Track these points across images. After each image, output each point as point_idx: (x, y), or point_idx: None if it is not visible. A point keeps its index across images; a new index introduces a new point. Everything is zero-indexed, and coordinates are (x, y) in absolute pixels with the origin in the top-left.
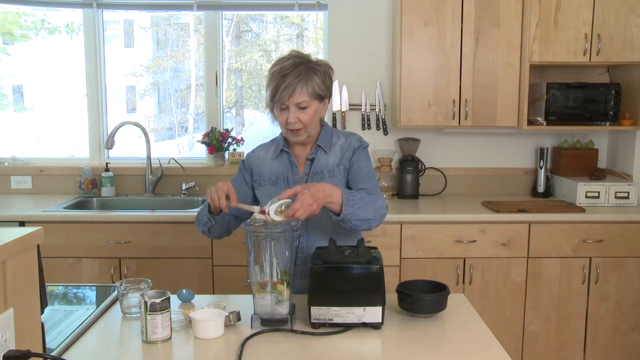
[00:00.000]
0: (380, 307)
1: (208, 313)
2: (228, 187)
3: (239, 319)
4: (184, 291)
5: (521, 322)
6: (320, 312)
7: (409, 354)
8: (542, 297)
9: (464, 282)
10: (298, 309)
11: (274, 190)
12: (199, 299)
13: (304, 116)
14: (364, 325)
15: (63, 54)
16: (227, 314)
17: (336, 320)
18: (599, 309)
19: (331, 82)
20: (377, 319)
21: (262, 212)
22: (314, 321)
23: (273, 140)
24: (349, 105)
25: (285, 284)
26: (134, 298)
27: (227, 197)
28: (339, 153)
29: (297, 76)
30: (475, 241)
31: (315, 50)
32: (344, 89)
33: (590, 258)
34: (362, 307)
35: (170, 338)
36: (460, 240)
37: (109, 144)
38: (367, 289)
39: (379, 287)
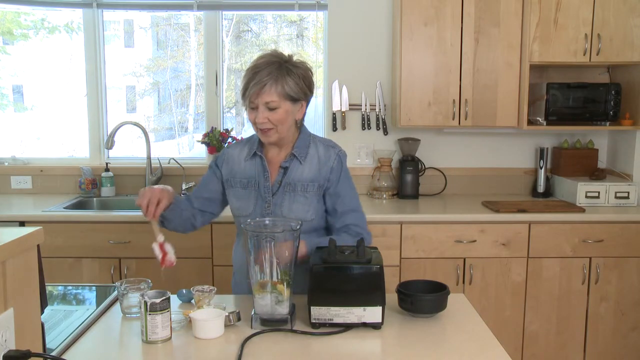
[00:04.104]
0: (380, 307)
1: (208, 313)
2: (160, 196)
3: (239, 319)
4: (184, 291)
5: (521, 322)
6: (320, 312)
7: (409, 354)
8: (542, 297)
9: (464, 282)
10: (298, 309)
11: (245, 193)
12: None
13: (273, 116)
14: (364, 325)
15: (63, 54)
16: (227, 314)
17: (336, 320)
18: (599, 309)
19: (309, 85)
20: (377, 319)
21: (161, 245)
22: (314, 321)
23: (249, 139)
24: (349, 105)
25: (285, 284)
26: (134, 298)
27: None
28: (315, 166)
29: (268, 74)
30: (475, 241)
31: (315, 50)
32: (344, 89)
33: (590, 258)
34: (362, 307)
35: (170, 338)
36: (460, 240)
37: (109, 144)
38: (367, 289)
39: (379, 287)
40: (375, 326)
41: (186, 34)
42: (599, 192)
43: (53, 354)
